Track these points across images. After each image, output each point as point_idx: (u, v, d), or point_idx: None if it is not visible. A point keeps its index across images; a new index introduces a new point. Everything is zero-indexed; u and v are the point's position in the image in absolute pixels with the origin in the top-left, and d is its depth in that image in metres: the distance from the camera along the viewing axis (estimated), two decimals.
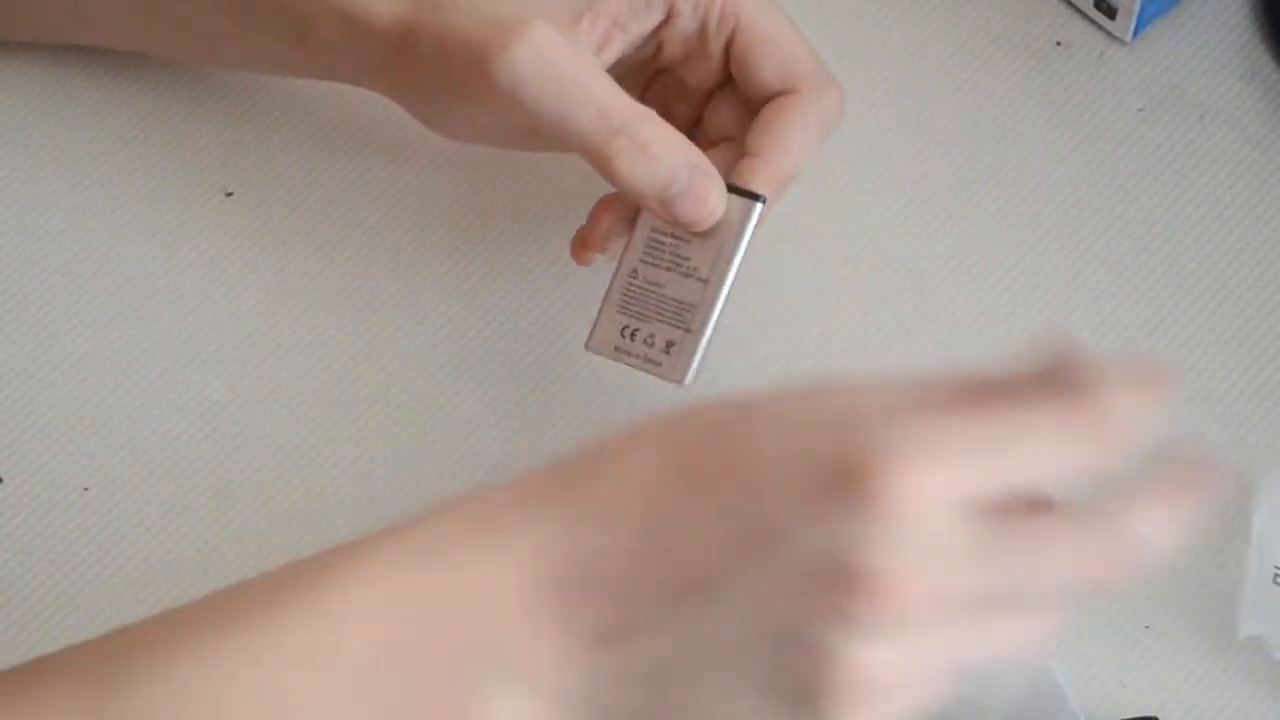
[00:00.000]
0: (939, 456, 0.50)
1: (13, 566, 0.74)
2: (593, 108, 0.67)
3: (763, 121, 0.70)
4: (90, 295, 0.79)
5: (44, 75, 0.84)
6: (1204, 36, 0.84)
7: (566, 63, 0.67)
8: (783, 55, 0.70)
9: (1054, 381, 0.53)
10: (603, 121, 0.67)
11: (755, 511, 0.51)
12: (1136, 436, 0.52)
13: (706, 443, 0.53)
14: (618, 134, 0.66)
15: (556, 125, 0.67)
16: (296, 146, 0.82)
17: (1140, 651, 0.71)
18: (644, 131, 0.67)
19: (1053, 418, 0.52)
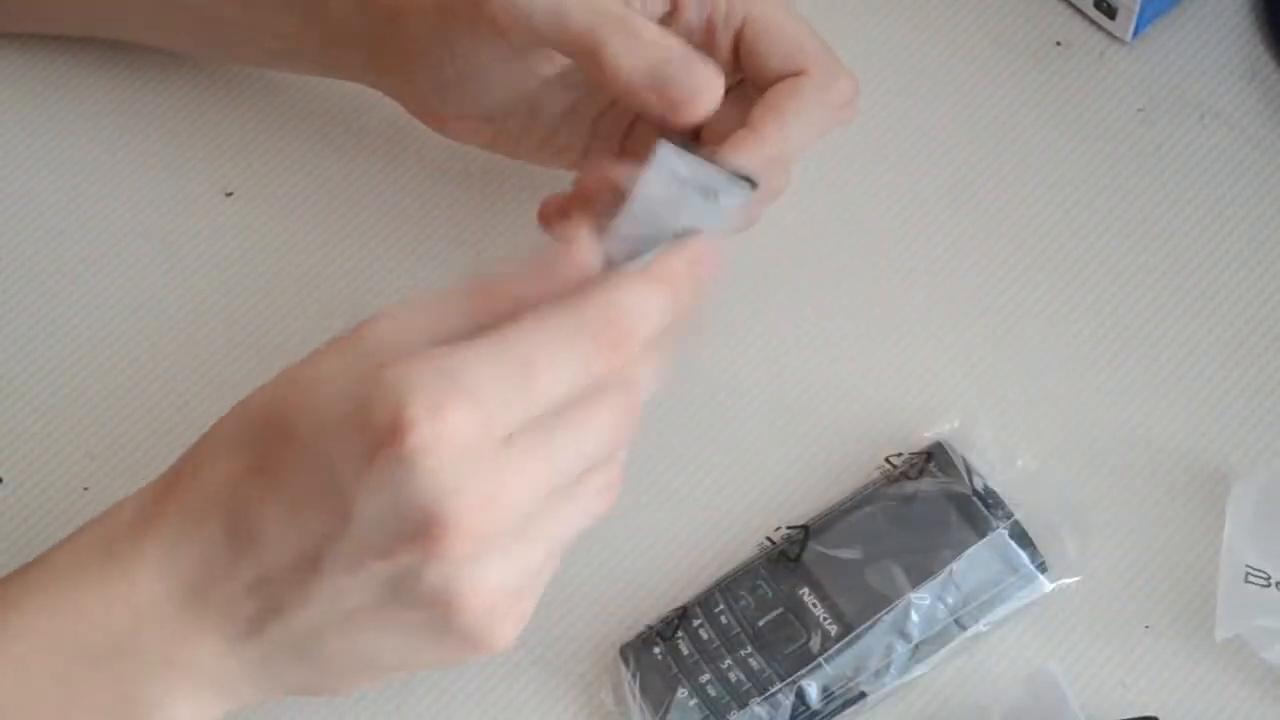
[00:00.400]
0: (458, 395, 0.55)
1: (13, 567, 0.74)
2: (587, 3, 0.65)
3: (765, 99, 0.69)
4: (90, 295, 0.79)
5: (44, 75, 0.84)
6: (1204, 36, 0.84)
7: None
8: (791, 42, 0.70)
9: (558, 279, 0.58)
10: (595, 15, 0.65)
11: (317, 484, 0.57)
12: (652, 329, 0.58)
13: (263, 428, 0.58)
14: (608, 21, 0.65)
15: (550, 25, 0.66)
16: (296, 146, 0.82)
17: (1140, 651, 0.71)
18: (636, 21, 0.65)
19: (562, 333, 0.57)
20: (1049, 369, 0.77)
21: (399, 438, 0.55)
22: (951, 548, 0.71)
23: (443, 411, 0.55)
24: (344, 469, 0.57)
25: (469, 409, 0.56)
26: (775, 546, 0.72)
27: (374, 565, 0.57)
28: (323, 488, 0.57)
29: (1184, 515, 0.74)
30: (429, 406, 0.55)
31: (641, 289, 0.59)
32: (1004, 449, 0.73)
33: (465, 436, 0.56)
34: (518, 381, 0.57)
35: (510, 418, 0.57)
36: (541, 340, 0.57)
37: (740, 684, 0.69)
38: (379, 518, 0.56)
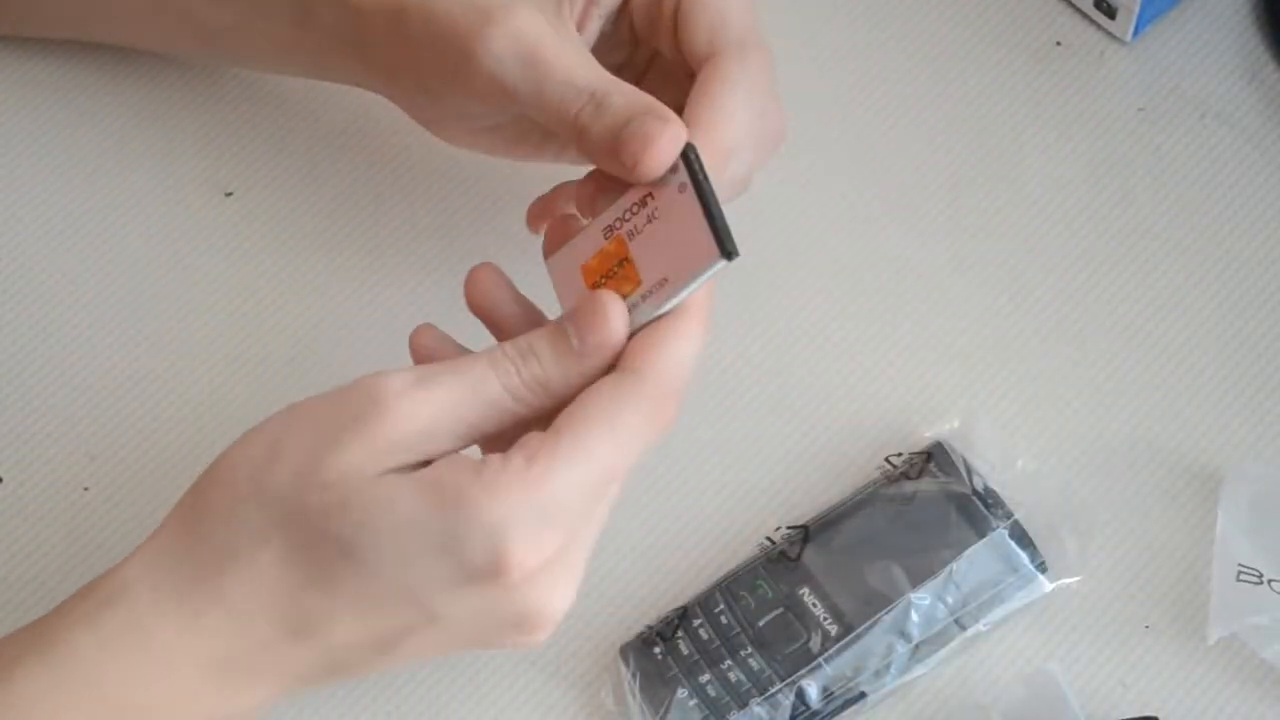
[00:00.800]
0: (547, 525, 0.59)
1: (13, 566, 0.74)
2: (563, 79, 0.66)
3: (692, 92, 0.68)
4: (90, 295, 0.79)
5: (44, 76, 0.84)
6: (1204, 36, 0.84)
7: (547, 45, 0.66)
8: (713, 17, 0.68)
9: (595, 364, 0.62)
10: (570, 90, 0.65)
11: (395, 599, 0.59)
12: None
13: (319, 540, 0.59)
14: (581, 96, 0.65)
15: (532, 105, 0.67)
16: (296, 146, 0.82)
17: (1140, 651, 0.71)
18: (604, 89, 0.65)
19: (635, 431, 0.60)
20: (1049, 369, 0.77)
21: (501, 575, 0.58)
22: (951, 548, 0.71)
23: (542, 546, 0.59)
24: (429, 590, 0.59)
25: (562, 531, 0.59)
26: (775, 546, 0.72)
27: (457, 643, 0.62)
28: (401, 601, 0.59)
29: (1184, 515, 0.74)
30: (530, 546, 0.58)
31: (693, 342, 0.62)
32: (1004, 449, 0.73)
33: (557, 550, 0.59)
34: (601, 489, 0.60)
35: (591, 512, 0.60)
36: (619, 445, 0.60)
37: (740, 684, 0.69)
38: (472, 618, 0.60)
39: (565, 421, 0.60)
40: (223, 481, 0.61)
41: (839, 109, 0.83)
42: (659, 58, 0.73)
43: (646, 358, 0.61)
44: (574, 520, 0.60)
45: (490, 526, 0.58)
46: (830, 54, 0.84)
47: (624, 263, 0.64)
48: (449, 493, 0.58)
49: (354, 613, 0.60)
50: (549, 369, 0.61)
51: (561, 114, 0.65)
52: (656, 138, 0.63)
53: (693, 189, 0.63)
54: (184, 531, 0.61)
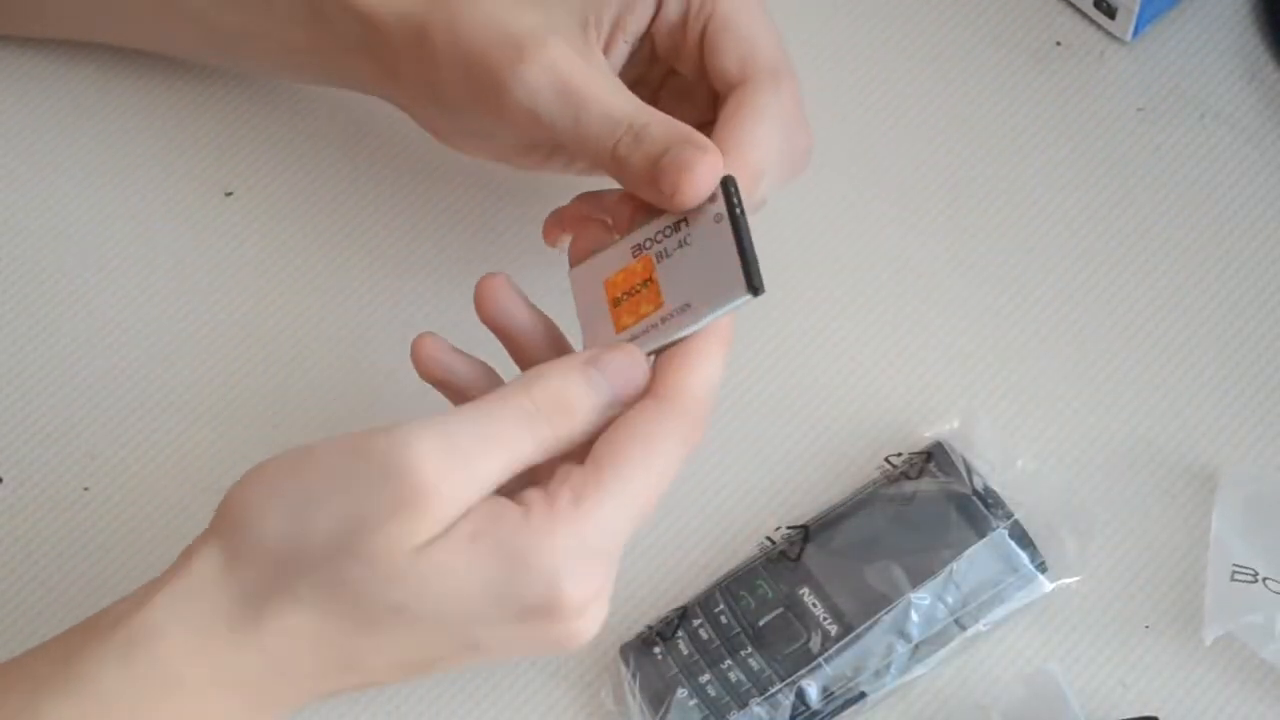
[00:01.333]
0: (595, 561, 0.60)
1: (13, 566, 0.74)
2: (600, 111, 0.66)
3: (723, 117, 0.69)
4: (90, 295, 0.79)
5: (44, 76, 0.84)
6: (1204, 36, 0.84)
7: (580, 77, 0.66)
8: (744, 43, 0.69)
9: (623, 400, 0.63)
10: (607, 123, 0.66)
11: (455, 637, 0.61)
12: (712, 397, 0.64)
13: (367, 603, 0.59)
14: (618, 128, 0.66)
15: (569, 136, 0.67)
16: (296, 146, 0.82)
17: (1140, 651, 0.71)
18: (642, 119, 0.66)
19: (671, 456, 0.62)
20: (1049, 369, 0.77)
21: (555, 612, 0.60)
22: (951, 548, 0.71)
23: (594, 580, 0.60)
24: (477, 628, 0.60)
25: (609, 562, 0.61)
26: (775, 546, 0.72)
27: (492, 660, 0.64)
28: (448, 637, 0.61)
29: (1184, 515, 0.74)
30: (584, 583, 0.60)
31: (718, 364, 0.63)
32: (1004, 449, 0.73)
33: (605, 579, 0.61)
34: (641, 516, 0.62)
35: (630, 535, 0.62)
36: (657, 473, 0.61)
37: (740, 684, 0.69)
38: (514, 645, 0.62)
39: (605, 453, 0.61)
40: (251, 530, 0.60)
41: (839, 109, 0.83)
42: (675, 75, 0.73)
43: (677, 384, 0.62)
44: (618, 550, 0.61)
45: (547, 571, 0.59)
46: (830, 54, 0.84)
47: (648, 283, 0.65)
48: (502, 547, 0.59)
49: (397, 647, 0.61)
50: (580, 425, 0.62)
51: (599, 147, 0.66)
52: (695, 166, 0.64)
53: (728, 221, 0.64)
54: (216, 572, 0.60)
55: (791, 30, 0.84)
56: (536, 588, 0.59)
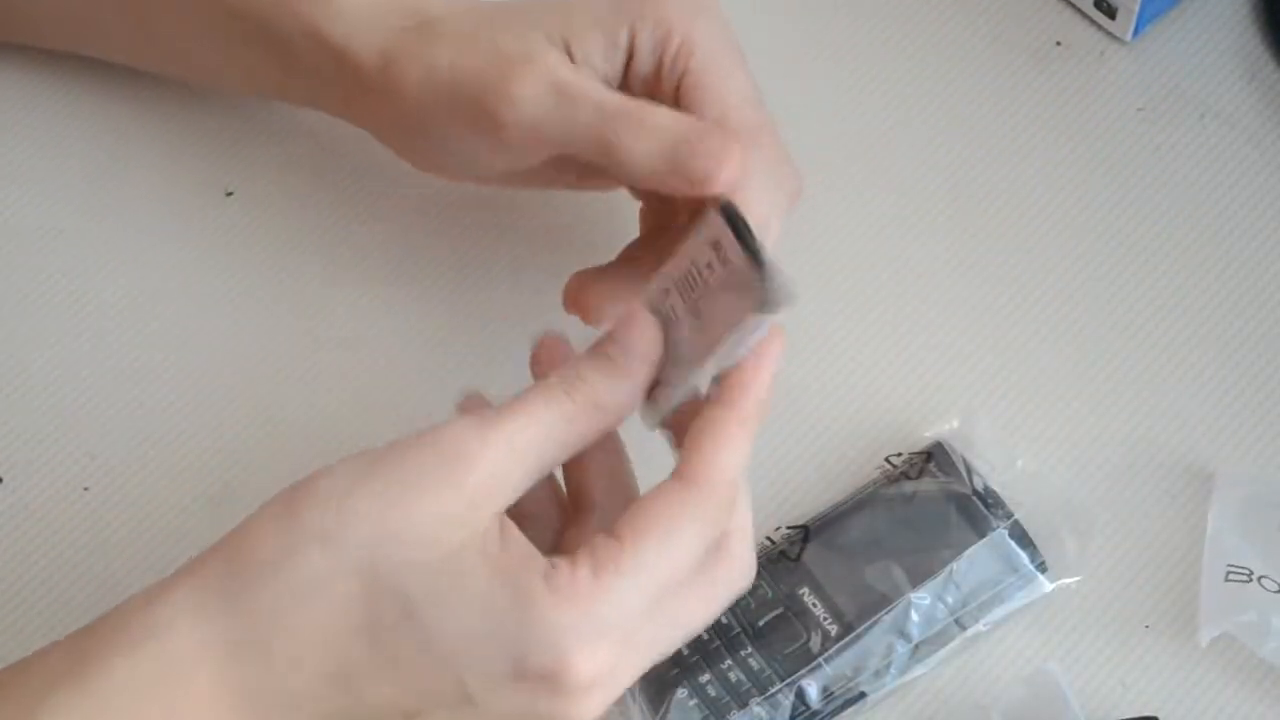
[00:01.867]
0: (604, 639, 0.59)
1: (13, 566, 0.74)
2: (593, 104, 0.66)
3: None
4: (90, 295, 0.79)
5: (44, 75, 0.84)
6: (1204, 36, 0.84)
7: (577, 79, 0.66)
8: (717, 104, 0.68)
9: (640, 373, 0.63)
10: (602, 114, 0.66)
11: (441, 676, 0.60)
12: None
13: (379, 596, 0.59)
14: (616, 118, 0.65)
15: (563, 136, 0.67)
16: (296, 146, 0.82)
17: (1140, 651, 0.71)
18: (641, 110, 0.65)
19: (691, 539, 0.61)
20: (1049, 369, 0.77)
21: (557, 682, 0.59)
22: (951, 548, 0.71)
23: (599, 658, 0.59)
24: (476, 676, 0.60)
25: (620, 644, 0.60)
26: (775, 546, 0.72)
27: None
28: (446, 677, 0.60)
29: (1184, 515, 0.74)
30: (588, 657, 0.59)
31: (741, 444, 0.62)
32: (1004, 449, 0.73)
33: (611, 660, 0.60)
34: (657, 600, 0.61)
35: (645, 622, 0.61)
36: (674, 556, 0.60)
37: (740, 684, 0.69)
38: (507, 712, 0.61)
39: (627, 531, 0.60)
40: (282, 526, 0.60)
41: (839, 109, 0.83)
42: None
43: (703, 466, 0.61)
44: (628, 636, 0.60)
45: (555, 636, 0.59)
46: (830, 53, 0.84)
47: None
48: (521, 590, 0.59)
49: (394, 675, 0.60)
50: (598, 388, 0.62)
51: (597, 138, 0.65)
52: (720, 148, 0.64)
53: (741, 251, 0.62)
54: (233, 571, 0.60)
55: (792, 30, 0.84)
56: (543, 643, 0.59)
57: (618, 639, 0.60)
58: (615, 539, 0.60)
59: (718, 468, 0.61)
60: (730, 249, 0.62)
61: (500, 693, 0.60)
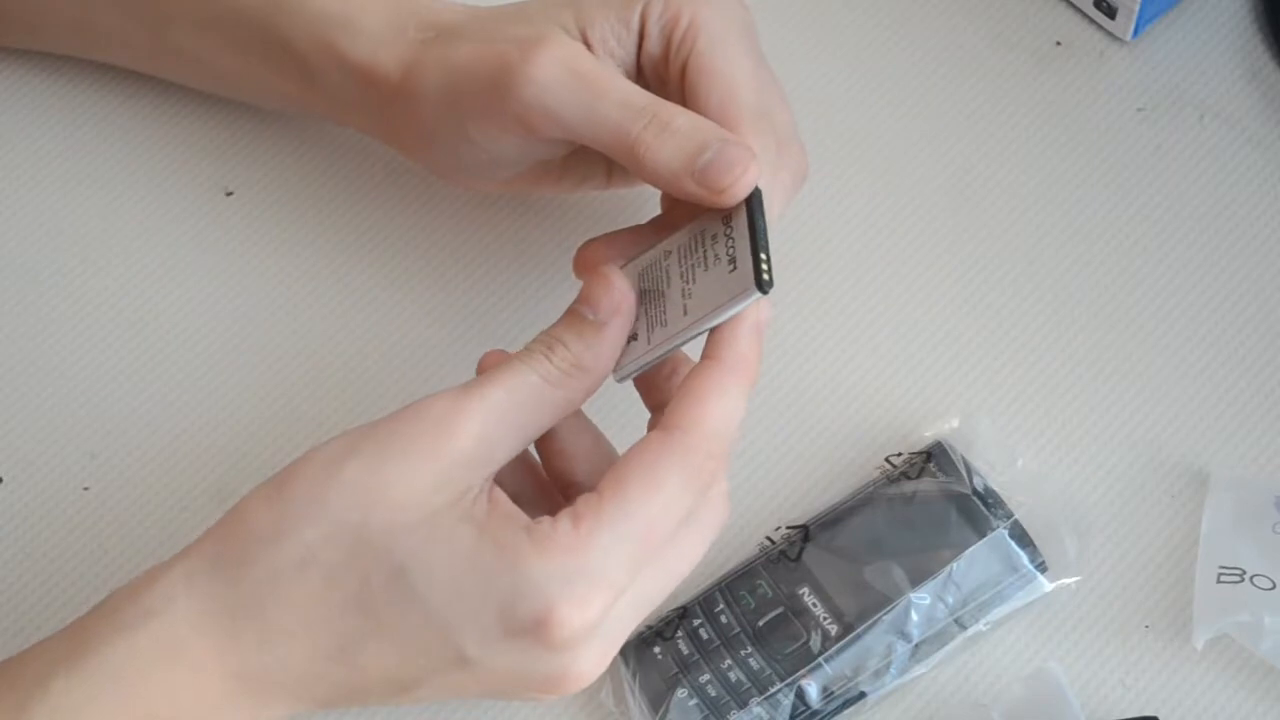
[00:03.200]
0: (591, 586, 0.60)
1: (13, 566, 0.74)
2: (618, 99, 0.66)
3: None
4: (90, 295, 0.79)
5: (45, 76, 0.84)
6: (1204, 36, 0.84)
7: (591, 65, 0.66)
8: (722, 86, 0.68)
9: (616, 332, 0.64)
10: (627, 110, 0.65)
11: (433, 636, 0.61)
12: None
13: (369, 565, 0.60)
14: (641, 116, 0.65)
15: (583, 123, 0.66)
16: (297, 146, 0.82)
17: (1140, 651, 0.71)
18: (667, 112, 0.65)
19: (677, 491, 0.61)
20: (1049, 369, 0.77)
21: (544, 632, 0.60)
22: (951, 547, 0.71)
23: (586, 607, 0.60)
24: (469, 634, 0.61)
25: (607, 593, 0.60)
26: (775, 546, 0.72)
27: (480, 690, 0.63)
28: (438, 638, 0.61)
29: (1184, 515, 0.74)
30: (576, 606, 0.60)
31: (734, 400, 0.62)
32: (1004, 449, 0.73)
33: (601, 610, 0.61)
34: (643, 549, 0.61)
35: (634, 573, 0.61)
36: (658, 505, 0.61)
37: (740, 684, 0.69)
38: (503, 670, 0.61)
39: (609, 481, 0.61)
40: (273, 502, 0.61)
41: (839, 108, 0.83)
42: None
43: (688, 415, 0.62)
44: (617, 582, 0.61)
45: (539, 584, 0.60)
46: (830, 53, 0.84)
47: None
48: (505, 544, 0.60)
49: (391, 641, 0.61)
50: (575, 348, 0.63)
51: (619, 134, 0.65)
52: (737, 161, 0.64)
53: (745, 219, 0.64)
54: (227, 548, 0.61)
55: (792, 30, 0.84)
56: (527, 595, 0.60)
57: (605, 587, 0.60)
58: (595, 493, 0.61)
59: (701, 417, 0.62)
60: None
61: (494, 651, 0.61)
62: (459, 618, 0.60)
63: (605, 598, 0.60)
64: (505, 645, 0.61)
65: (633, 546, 0.61)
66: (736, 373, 0.63)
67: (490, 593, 0.60)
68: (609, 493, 0.61)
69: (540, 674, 0.62)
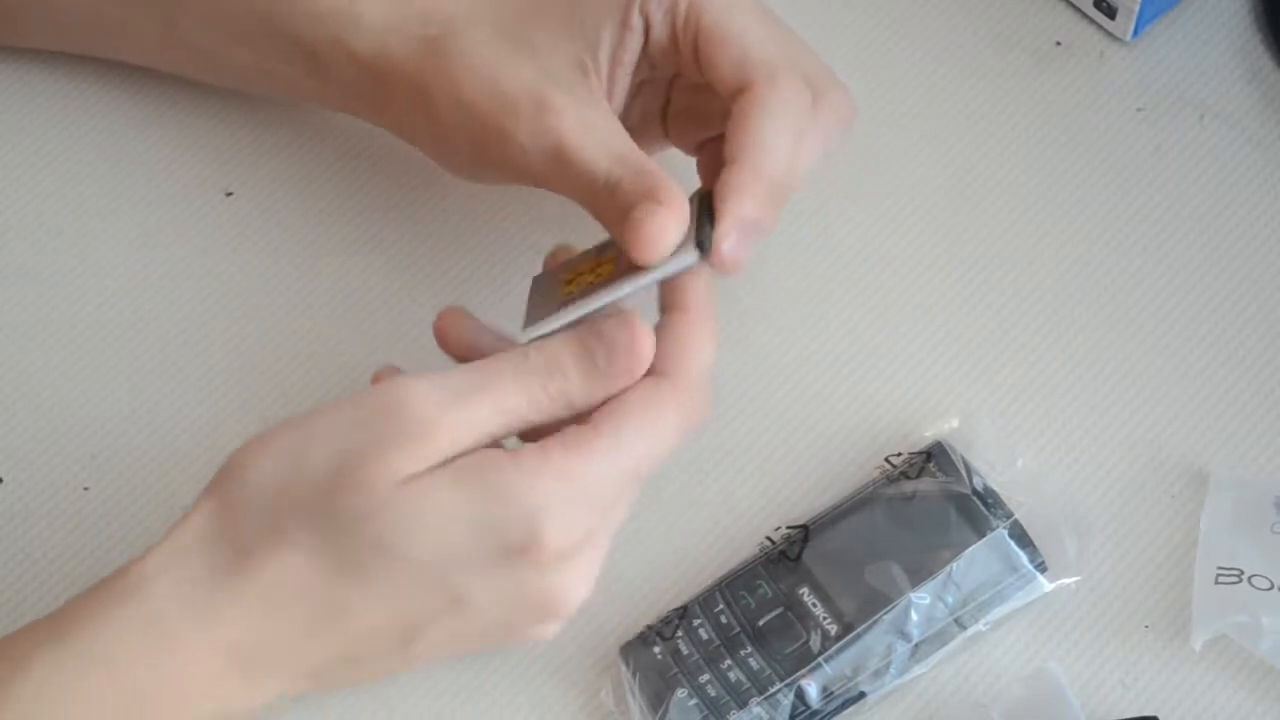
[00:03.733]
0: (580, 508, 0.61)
1: (13, 566, 0.74)
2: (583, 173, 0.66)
3: (729, 129, 0.67)
4: (90, 294, 0.79)
5: (44, 77, 0.84)
6: (1204, 36, 0.84)
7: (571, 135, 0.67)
8: (734, 49, 0.68)
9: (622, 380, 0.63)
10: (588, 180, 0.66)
11: (434, 586, 0.61)
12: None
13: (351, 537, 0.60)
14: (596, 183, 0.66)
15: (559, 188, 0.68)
16: (296, 146, 0.82)
17: (1140, 651, 0.71)
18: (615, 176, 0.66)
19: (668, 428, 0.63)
20: (1049, 369, 0.77)
21: (533, 553, 0.60)
22: (951, 547, 0.71)
23: (574, 528, 0.61)
24: (459, 572, 0.61)
25: (593, 517, 0.62)
26: (775, 546, 0.72)
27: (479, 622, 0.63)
28: (429, 584, 0.61)
29: (1184, 515, 0.74)
30: (563, 527, 0.60)
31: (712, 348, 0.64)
32: (1004, 449, 0.73)
33: (586, 532, 0.62)
34: (632, 480, 0.63)
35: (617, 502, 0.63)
36: (652, 444, 0.62)
37: (740, 684, 0.69)
38: (496, 601, 0.62)
39: (604, 419, 0.62)
40: (247, 482, 0.62)
41: None
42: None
43: (680, 364, 0.63)
44: (604, 509, 0.62)
45: (528, 506, 0.60)
46: (830, 53, 0.84)
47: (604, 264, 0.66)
48: (489, 477, 0.60)
49: (380, 598, 0.61)
50: (574, 387, 0.63)
51: (583, 200, 0.67)
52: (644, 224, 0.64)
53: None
54: (208, 526, 0.62)
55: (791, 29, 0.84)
56: (515, 518, 0.60)
57: (594, 510, 0.61)
58: (590, 425, 0.62)
59: (691, 366, 0.63)
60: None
61: (487, 581, 0.61)
62: (448, 559, 0.61)
63: (590, 523, 0.61)
64: (495, 573, 0.61)
65: (623, 477, 0.62)
66: (710, 321, 0.65)
67: (477, 524, 0.60)
68: (606, 426, 0.62)
69: (534, 598, 0.62)
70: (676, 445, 0.63)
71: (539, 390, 0.62)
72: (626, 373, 0.63)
